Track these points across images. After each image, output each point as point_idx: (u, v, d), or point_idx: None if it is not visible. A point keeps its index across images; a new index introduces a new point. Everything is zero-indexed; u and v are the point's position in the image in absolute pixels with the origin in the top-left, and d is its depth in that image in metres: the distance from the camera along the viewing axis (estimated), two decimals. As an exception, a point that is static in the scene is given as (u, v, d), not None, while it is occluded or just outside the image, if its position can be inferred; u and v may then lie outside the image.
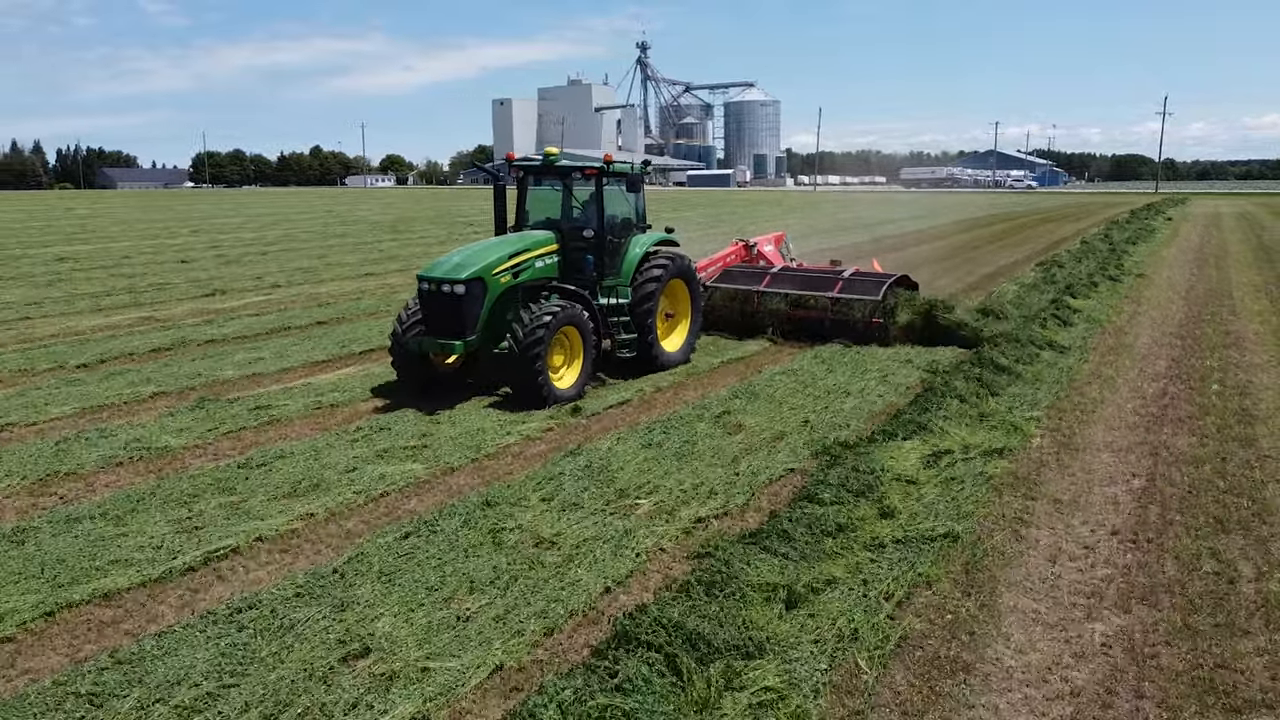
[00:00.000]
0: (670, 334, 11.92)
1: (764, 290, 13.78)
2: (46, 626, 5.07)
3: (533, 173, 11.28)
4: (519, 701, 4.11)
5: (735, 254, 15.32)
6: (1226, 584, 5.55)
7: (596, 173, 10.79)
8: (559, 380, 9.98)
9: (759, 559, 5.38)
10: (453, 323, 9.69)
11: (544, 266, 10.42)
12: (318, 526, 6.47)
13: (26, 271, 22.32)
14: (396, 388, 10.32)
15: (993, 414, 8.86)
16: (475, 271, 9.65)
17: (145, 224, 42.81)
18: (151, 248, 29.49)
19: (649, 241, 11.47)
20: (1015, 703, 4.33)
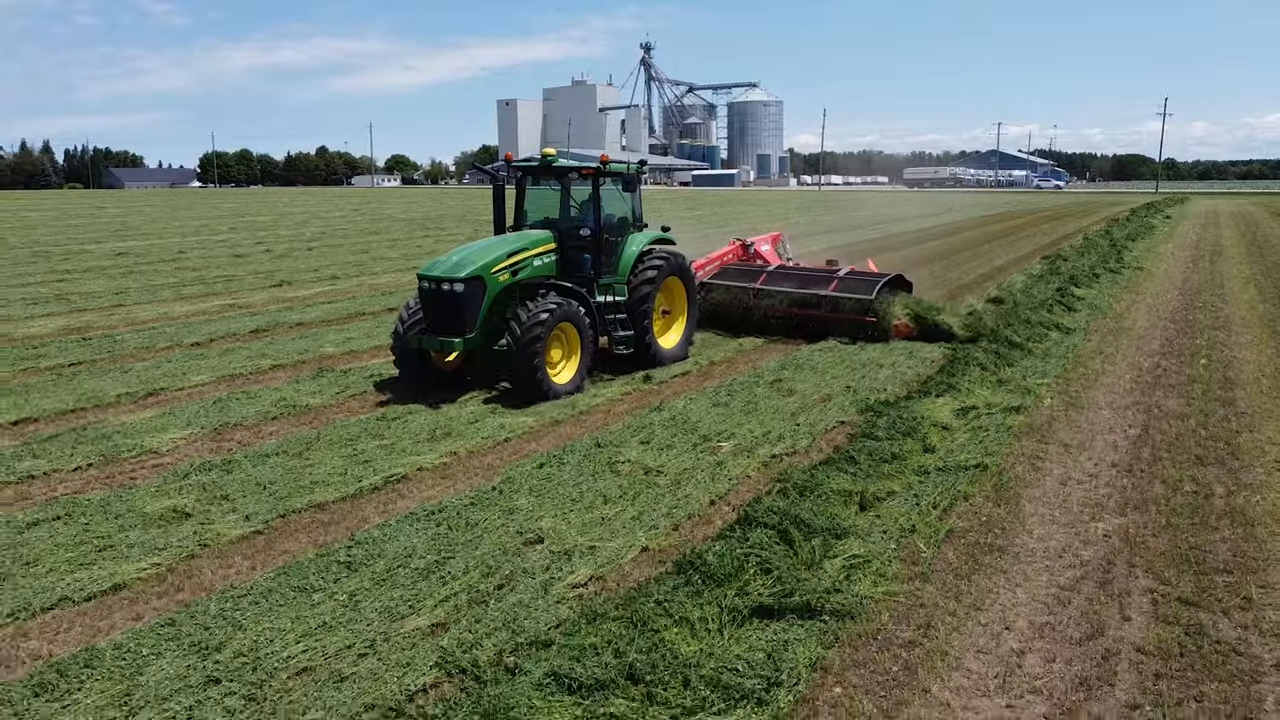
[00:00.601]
0: (667, 331, 12.14)
1: (759, 288, 14.04)
2: (283, 525, 6.53)
3: (531, 173, 11.47)
4: (675, 561, 5.57)
5: (732, 253, 15.55)
6: (1202, 499, 6.99)
7: (593, 173, 10.98)
8: (557, 375, 10.16)
9: (834, 476, 6.83)
10: (453, 320, 9.84)
11: (542, 265, 10.61)
12: (464, 461, 7.93)
13: (96, 265, 23.80)
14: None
15: (1010, 380, 10.33)
16: (475, 270, 9.82)
17: (180, 222, 44.28)
18: (199, 244, 30.97)
19: (645, 240, 11.69)
20: (1038, 569, 5.77)
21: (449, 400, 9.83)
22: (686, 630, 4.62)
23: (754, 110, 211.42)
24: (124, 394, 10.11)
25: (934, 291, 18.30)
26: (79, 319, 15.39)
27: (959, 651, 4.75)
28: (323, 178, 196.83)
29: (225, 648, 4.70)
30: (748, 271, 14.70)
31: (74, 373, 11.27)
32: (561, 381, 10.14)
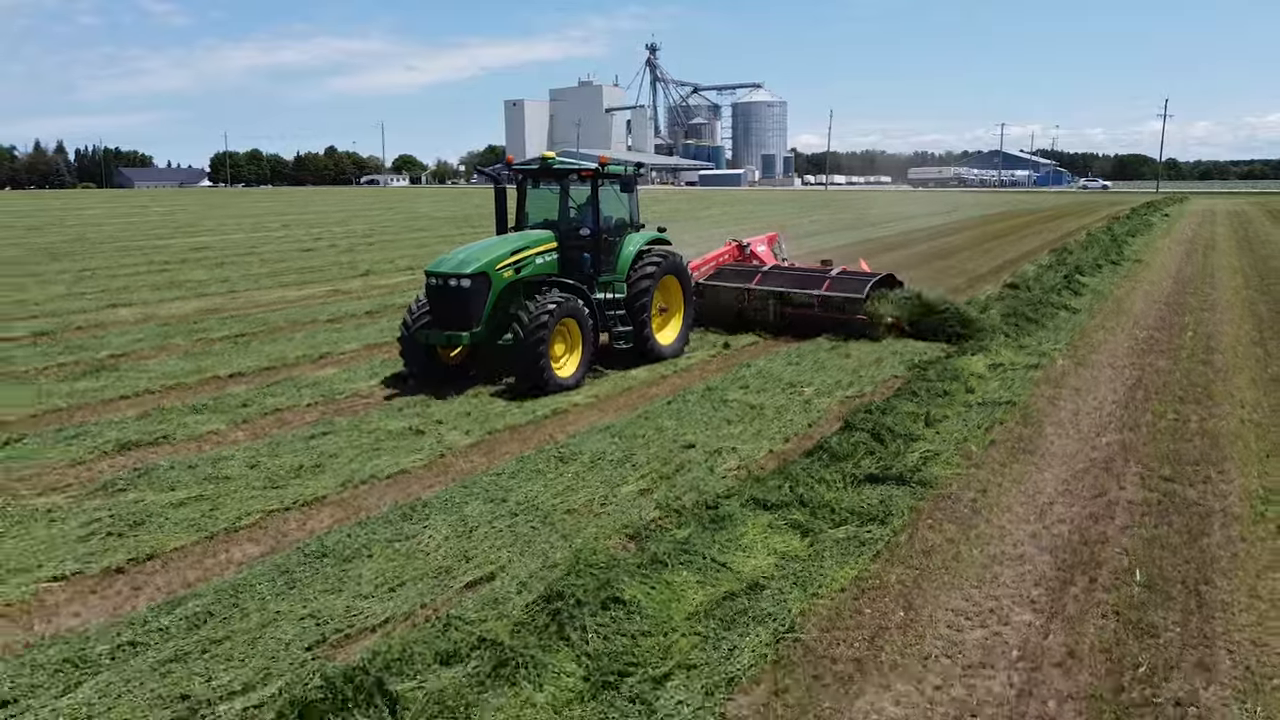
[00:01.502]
0: (664, 327, 12.51)
1: (754, 288, 14.40)
2: (494, 438, 8.71)
3: (531, 175, 11.80)
4: (804, 450, 7.77)
5: (729, 253, 15.82)
6: (1181, 423, 9.18)
7: (592, 175, 11.32)
8: (560, 369, 10.47)
9: (902, 404, 9.04)
10: (459, 315, 10.15)
11: (544, 263, 10.94)
12: (605, 400, 10.15)
13: (186, 258, 26.05)
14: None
15: (1028, 345, 12.54)
16: (480, 266, 10.16)
17: (231, 219, 46.55)
18: (263, 239, 33.23)
19: (642, 240, 12.04)
20: (1059, 462, 7.97)
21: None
22: (824, 486, 6.82)
23: (758, 110, 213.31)
24: (301, 356, 12.34)
25: (954, 280, 20.57)
26: (208, 301, 17.62)
27: (1007, 503, 6.96)
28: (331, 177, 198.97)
29: (509, 500, 6.92)
30: (743, 272, 15.00)
31: (244, 342, 13.49)
32: (564, 375, 10.46)
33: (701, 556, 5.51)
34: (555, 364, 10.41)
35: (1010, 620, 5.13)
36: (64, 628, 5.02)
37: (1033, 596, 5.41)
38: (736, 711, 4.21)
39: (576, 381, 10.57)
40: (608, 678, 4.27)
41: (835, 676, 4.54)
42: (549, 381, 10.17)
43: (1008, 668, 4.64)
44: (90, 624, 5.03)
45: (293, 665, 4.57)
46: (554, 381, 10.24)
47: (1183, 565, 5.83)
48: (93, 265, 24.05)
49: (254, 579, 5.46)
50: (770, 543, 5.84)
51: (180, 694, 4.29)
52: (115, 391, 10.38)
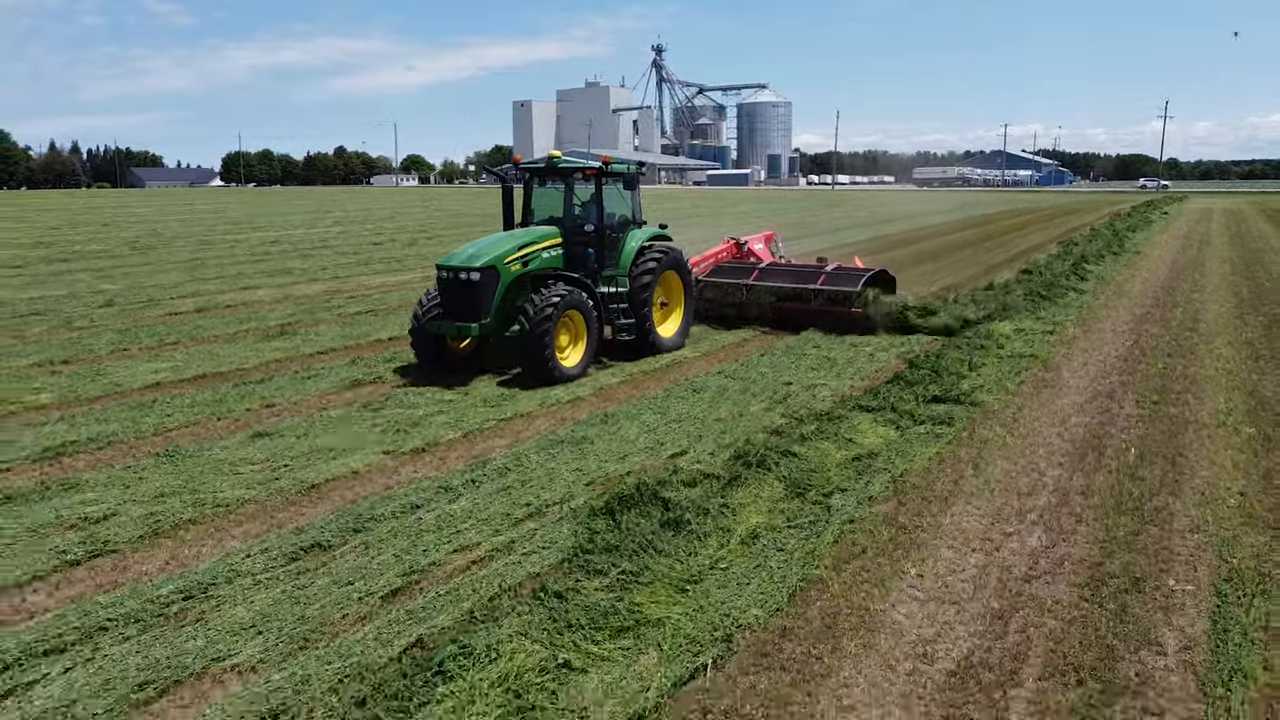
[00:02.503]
0: (665, 321, 12.91)
1: (752, 284, 14.85)
2: (617, 387, 11.21)
3: (537, 174, 12.18)
4: (886, 379, 10.28)
5: (727, 251, 16.31)
6: (1169, 370, 11.66)
7: (595, 174, 11.71)
8: (565, 360, 10.82)
9: (949, 354, 11.53)
10: (469, 307, 10.50)
11: (550, 257, 11.29)
12: (708, 355, 12.64)
13: (261, 250, 28.57)
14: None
15: (1044, 316, 15.03)
16: (489, 260, 10.51)
17: (278, 217, 49.10)
18: (326, 234, 35.76)
19: (644, 236, 12.42)
20: (1073, 393, 10.44)
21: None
22: (905, 401, 9.31)
23: (763, 111, 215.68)
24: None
25: (969, 269, 23.08)
26: (325, 285, 20.11)
27: (1036, 416, 9.44)
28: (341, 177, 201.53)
29: (669, 413, 9.39)
30: (741, 269, 15.52)
31: (382, 315, 15.98)
32: (569, 365, 10.82)
33: (832, 437, 8.02)
34: (560, 355, 10.75)
35: (1046, 473, 7.62)
36: (446, 469, 7.51)
37: (1060, 461, 7.91)
38: (878, 509, 6.70)
39: (581, 371, 10.95)
40: (797, 489, 6.78)
41: (936, 497, 7.03)
42: (554, 372, 10.49)
43: (1047, 495, 7.13)
44: (485, 460, 7.53)
45: (584, 489, 7.08)
46: (559, 372, 10.56)
47: (1164, 447, 8.33)
48: (189, 256, 26.57)
49: (532, 449, 7.99)
50: (875, 431, 8.34)
51: (527, 501, 6.80)
52: (311, 348, 12.88)
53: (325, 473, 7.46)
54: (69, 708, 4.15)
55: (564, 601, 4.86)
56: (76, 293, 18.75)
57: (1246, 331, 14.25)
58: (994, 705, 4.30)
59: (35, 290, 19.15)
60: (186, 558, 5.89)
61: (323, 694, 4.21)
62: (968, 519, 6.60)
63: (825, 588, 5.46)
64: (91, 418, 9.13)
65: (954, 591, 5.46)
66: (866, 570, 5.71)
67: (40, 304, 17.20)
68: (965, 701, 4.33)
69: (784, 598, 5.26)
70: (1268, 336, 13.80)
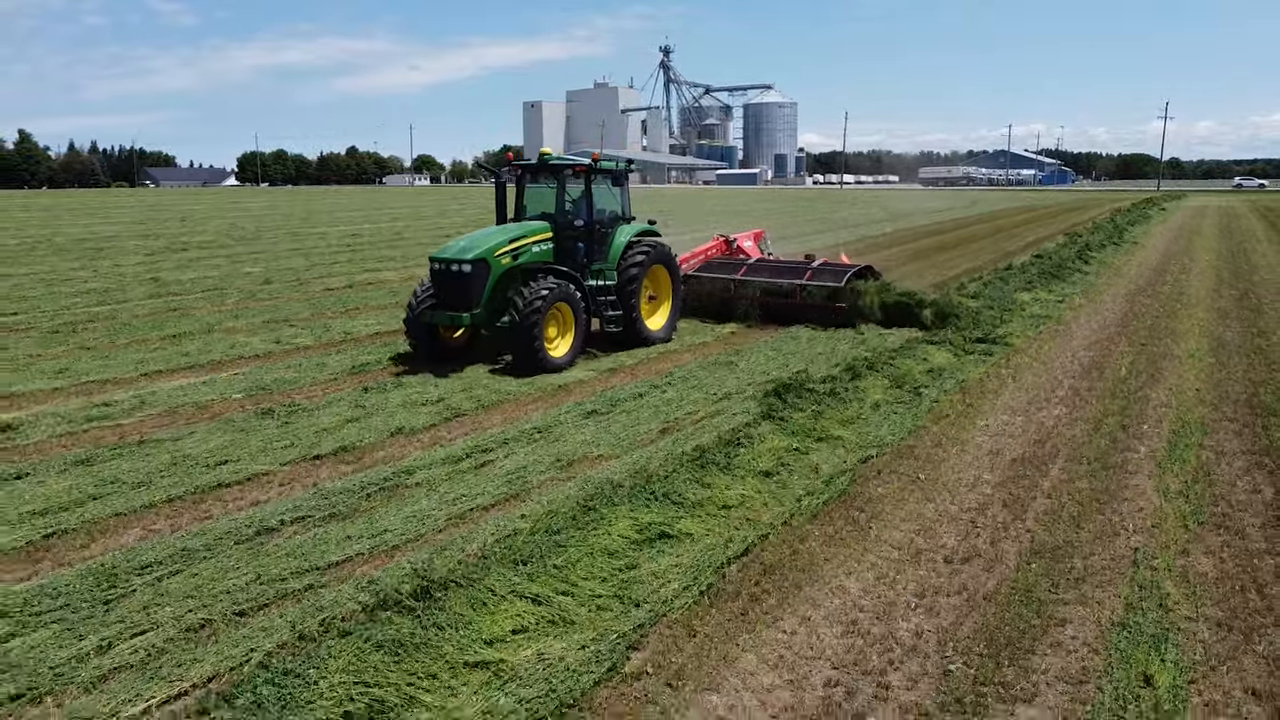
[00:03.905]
0: (653, 314, 13.23)
1: (740, 279, 15.31)
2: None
3: (530, 171, 12.47)
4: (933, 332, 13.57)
5: (716, 248, 16.74)
6: (1155, 326, 14.91)
7: (585, 171, 12.04)
8: (554, 350, 11.11)
9: (985, 312, 14.78)
10: (461, 298, 10.82)
11: (540, 251, 11.56)
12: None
13: (345, 242, 31.87)
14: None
15: (1056, 290, 18.31)
16: (480, 253, 10.82)
17: (334, 214, 52.46)
18: (392, 229, 39.08)
19: (632, 231, 12.76)
20: (1081, 338, 13.69)
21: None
22: (956, 341, 12.58)
23: (769, 111, 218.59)
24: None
25: (987, 255, 26.34)
26: (433, 268, 23.37)
27: (1053, 352, 12.69)
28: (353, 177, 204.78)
29: (783, 350, 12.68)
30: (729, 265, 15.99)
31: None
32: (557, 355, 11.12)
33: (911, 358, 11.29)
34: (549, 345, 11.06)
35: (1063, 381, 10.88)
36: (648, 377, 10.77)
37: (1072, 375, 11.17)
38: (953, 396, 9.96)
39: (569, 361, 11.28)
40: (897, 383, 10.06)
41: (989, 392, 10.30)
42: (543, 360, 10.85)
43: (1064, 391, 10.38)
44: (672, 372, 10.80)
45: (749, 385, 10.37)
46: (548, 361, 10.92)
47: (1147, 367, 11.59)
48: (289, 248, 29.87)
49: (697, 369, 11.31)
50: (940, 356, 11.62)
51: (715, 392, 10.09)
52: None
53: (566, 377, 10.77)
54: (524, 468, 7.43)
55: (785, 422, 8.16)
56: (229, 274, 22.03)
57: (1221, 302, 17.53)
58: (1038, 474, 7.56)
59: (191, 273, 22.43)
60: (489, 424, 9.18)
61: (662, 462, 7.48)
62: (1012, 401, 9.89)
63: (928, 429, 8.74)
64: (359, 350, 12.43)
65: (1009, 431, 8.74)
66: (952, 423, 9.00)
67: (208, 283, 20.46)
68: (1021, 475, 7.58)
69: (905, 432, 8.54)
70: (1237, 305, 17.08)
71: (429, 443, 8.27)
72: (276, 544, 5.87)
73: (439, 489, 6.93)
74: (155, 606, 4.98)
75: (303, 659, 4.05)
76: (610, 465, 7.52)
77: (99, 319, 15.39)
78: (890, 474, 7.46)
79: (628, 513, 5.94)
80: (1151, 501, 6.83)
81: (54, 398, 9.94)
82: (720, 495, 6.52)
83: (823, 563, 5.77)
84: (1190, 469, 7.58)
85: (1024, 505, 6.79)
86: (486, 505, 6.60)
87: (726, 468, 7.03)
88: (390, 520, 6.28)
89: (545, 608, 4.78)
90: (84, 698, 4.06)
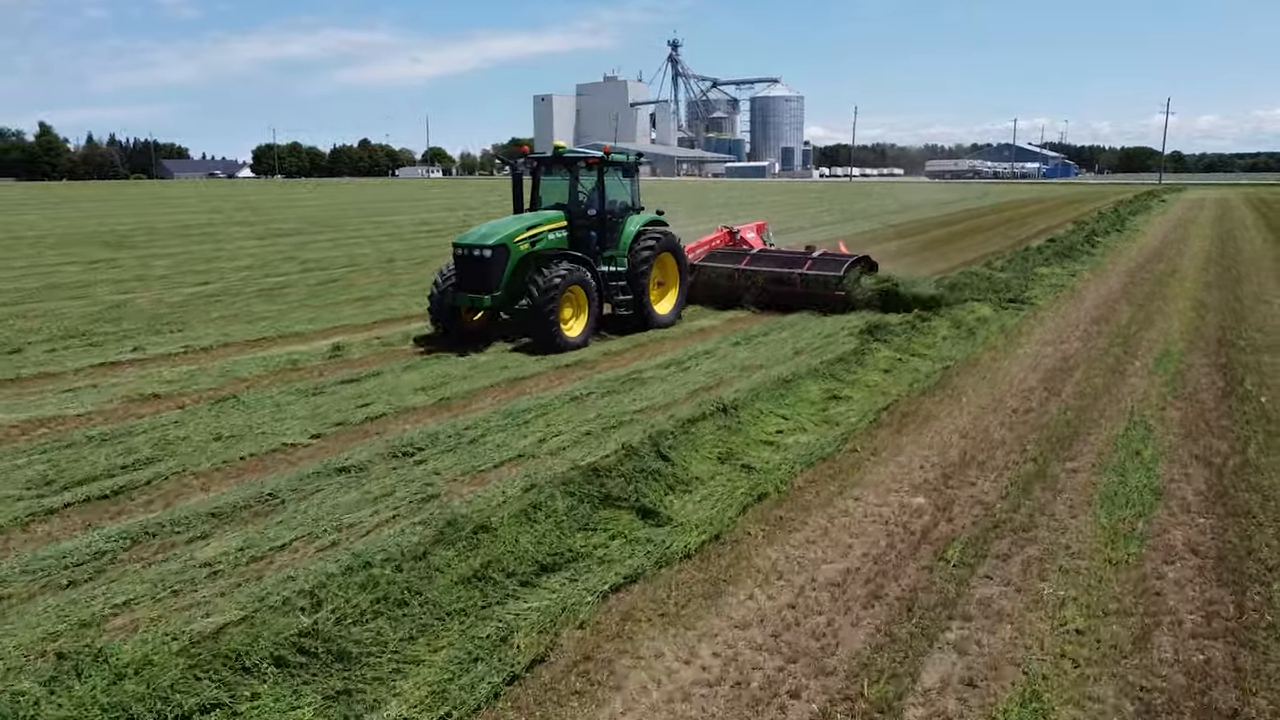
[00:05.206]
0: (661, 299, 13.84)
1: (743, 268, 15.95)
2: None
3: (545, 163, 13.14)
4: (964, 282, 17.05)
5: (720, 239, 17.39)
6: (1152, 293, 18.34)
7: (598, 163, 12.60)
8: (569, 330, 11.69)
9: (1011, 281, 18.24)
10: (482, 281, 11.41)
11: (555, 239, 12.17)
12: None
13: (417, 228, 35.26)
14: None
15: (1068, 268, 21.73)
16: (500, 239, 11.42)
17: (387, 203, 55.84)
18: (457, 217, 42.51)
19: (642, 221, 13.35)
20: (1090, 301, 17.12)
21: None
22: (994, 300, 16.02)
23: (776, 105, 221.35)
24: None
25: (1005, 241, 29.78)
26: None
27: (1069, 309, 16.12)
28: (366, 169, 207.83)
29: (789, 330, 16.13)
30: (733, 254, 16.68)
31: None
32: (572, 335, 11.74)
33: (961, 310, 14.72)
34: (564, 325, 11.67)
35: (1078, 326, 14.30)
36: (718, 338, 14.22)
37: (1085, 322, 14.60)
38: (996, 337, 13.40)
39: (583, 341, 11.86)
40: (955, 325, 13.51)
41: (1023, 333, 13.74)
42: (559, 341, 11.46)
43: (1079, 332, 13.81)
44: (746, 333, 14.24)
45: (842, 331, 13.83)
46: (564, 341, 11.54)
47: (1143, 318, 15.01)
48: (374, 233, 33.28)
49: (758, 334, 14.75)
50: (984, 310, 15.00)
51: (789, 348, 13.55)
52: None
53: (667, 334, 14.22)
54: (716, 369, 10.88)
55: (886, 343, 11.63)
56: (350, 255, 25.45)
57: (1207, 276, 20.97)
58: (1066, 375, 10.99)
59: (316, 253, 25.86)
60: (666, 350, 12.62)
61: (811, 367, 10.91)
62: (1042, 338, 13.35)
63: (984, 353, 12.19)
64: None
65: (1042, 354, 12.18)
66: (1001, 350, 12.45)
67: (341, 261, 23.88)
68: (1055, 375, 10.99)
69: (969, 353, 11.99)
70: (1220, 278, 20.53)
71: (630, 360, 11.72)
72: (609, 400, 9.34)
73: (666, 381, 10.41)
74: (561, 421, 8.47)
75: (686, 435, 7.50)
76: (778, 368, 11.00)
77: (285, 287, 18.83)
78: (966, 374, 10.92)
79: (813, 384, 9.46)
80: (1141, 386, 10.29)
81: (339, 333, 13.40)
82: (862, 380, 10.00)
83: (938, 412, 9.23)
84: (1169, 373, 11.01)
85: (1059, 389, 10.24)
86: (707, 386, 10.10)
87: (860, 365, 10.51)
88: (654, 391, 9.78)
89: (789, 421, 8.29)
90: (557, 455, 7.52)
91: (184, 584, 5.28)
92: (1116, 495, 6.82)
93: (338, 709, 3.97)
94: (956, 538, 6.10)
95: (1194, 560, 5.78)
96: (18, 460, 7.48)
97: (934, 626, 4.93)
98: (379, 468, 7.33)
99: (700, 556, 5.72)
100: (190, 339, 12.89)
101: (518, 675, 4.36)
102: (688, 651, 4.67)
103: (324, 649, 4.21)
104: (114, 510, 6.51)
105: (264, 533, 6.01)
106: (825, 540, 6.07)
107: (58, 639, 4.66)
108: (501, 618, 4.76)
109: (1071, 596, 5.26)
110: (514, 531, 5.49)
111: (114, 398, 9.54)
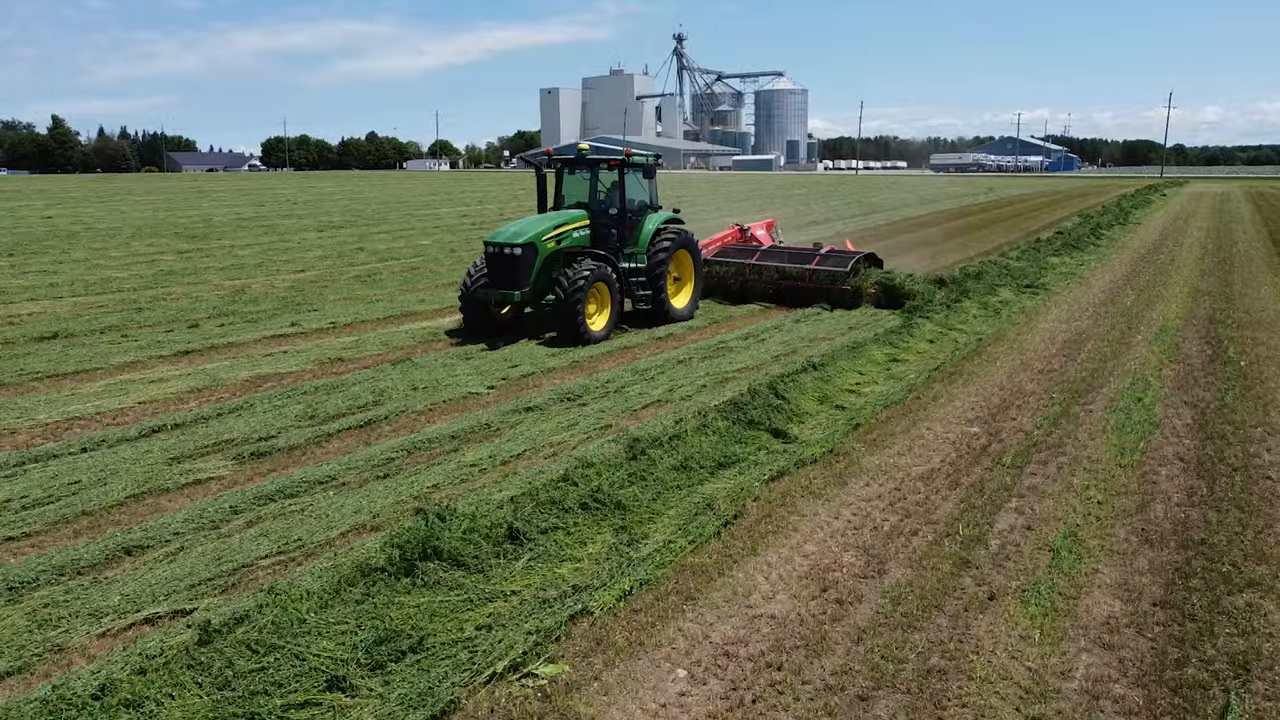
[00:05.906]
0: (678, 294, 14.35)
1: (754, 264, 16.60)
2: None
3: (568, 164, 13.68)
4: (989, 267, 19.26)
5: (731, 235, 18.12)
6: (1152, 280, 20.52)
7: (618, 164, 13.06)
8: (593, 324, 12.24)
9: (1026, 268, 20.43)
10: (511, 277, 11.93)
11: (579, 237, 12.64)
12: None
13: (458, 222, 37.43)
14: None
15: (1075, 258, 23.94)
16: (529, 238, 11.95)
17: (420, 197, 58.00)
18: (493, 210, 44.67)
19: (660, 219, 13.89)
20: (1098, 284, 19.32)
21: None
22: (1012, 286, 18.21)
23: (780, 98, 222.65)
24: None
25: (1016, 233, 31.95)
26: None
27: (1079, 293, 18.32)
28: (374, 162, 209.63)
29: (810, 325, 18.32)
30: (744, 250, 17.31)
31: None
32: (596, 329, 12.25)
33: (987, 294, 16.91)
34: (589, 320, 12.18)
35: (1087, 308, 16.49)
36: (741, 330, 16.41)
37: (1092, 305, 16.79)
38: (1019, 315, 15.59)
39: (606, 334, 12.37)
40: (984, 307, 15.71)
41: (1041, 312, 15.94)
42: (584, 334, 11.95)
43: (1089, 312, 16.00)
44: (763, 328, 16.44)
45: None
46: (588, 334, 12.06)
47: (1145, 301, 17.20)
48: (422, 226, 35.44)
49: (788, 322, 16.97)
50: (1007, 294, 17.20)
51: (820, 332, 15.76)
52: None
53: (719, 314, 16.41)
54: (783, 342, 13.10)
55: (928, 319, 13.82)
56: (411, 246, 27.61)
57: (1203, 266, 23.16)
58: (1079, 345, 13.18)
59: (380, 244, 28.03)
60: (716, 332, 14.81)
61: (865, 338, 13.10)
62: (1057, 316, 15.55)
63: (1008, 330, 14.38)
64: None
65: (1057, 329, 14.37)
66: (1023, 326, 14.65)
67: (405, 252, 26.05)
68: (1069, 345, 13.16)
69: (997, 329, 14.20)
70: (1215, 267, 22.72)
71: (683, 340, 13.92)
72: (709, 363, 11.54)
73: (750, 349, 12.62)
74: (680, 377, 10.69)
75: (793, 382, 9.71)
76: (840, 339, 13.24)
77: (375, 275, 21.01)
78: (996, 346, 13.13)
79: (877, 349, 11.70)
80: (1143, 353, 12.49)
81: (450, 313, 15.58)
82: (913, 348, 12.23)
83: (978, 371, 11.45)
84: (1166, 344, 13.20)
85: (1075, 355, 12.44)
86: (785, 353, 12.31)
87: (911, 336, 12.73)
88: (743, 357, 12.00)
89: (864, 376, 10.53)
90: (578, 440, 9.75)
91: (471, 474, 7.50)
92: (1124, 426, 9.03)
93: (624, 535, 6.19)
94: (1007, 451, 8.31)
95: (1180, 465, 7.99)
96: (276, 403, 9.68)
97: (999, 499, 7.15)
98: (555, 408, 9.54)
99: (823, 463, 7.93)
100: (330, 316, 15.07)
101: (728, 522, 6.57)
102: (833, 513, 6.89)
103: (609, 499, 6.43)
104: (374, 435, 8.72)
105: (500, 447, 8.23)
106: (911, 453, 8.28)
107: (407, 504, 6.87)
108: (703, 492, 6.99)
109: (1093, 483, 7.47)
110: (697, 440, 7.74)
111: (308, 360, 11.75)
